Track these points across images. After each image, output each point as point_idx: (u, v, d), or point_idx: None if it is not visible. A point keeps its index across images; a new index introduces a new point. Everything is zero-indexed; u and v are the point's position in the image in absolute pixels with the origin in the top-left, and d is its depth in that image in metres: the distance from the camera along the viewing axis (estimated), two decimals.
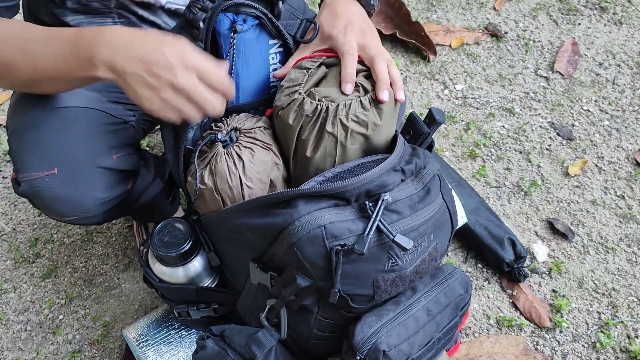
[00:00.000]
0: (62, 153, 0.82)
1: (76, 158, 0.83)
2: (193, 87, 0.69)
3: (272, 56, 0.86)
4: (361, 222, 0.71)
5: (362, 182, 0.71)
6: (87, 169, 0.84)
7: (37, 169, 0.82)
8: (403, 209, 0.74)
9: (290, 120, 0.77)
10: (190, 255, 0.88)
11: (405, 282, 0.77)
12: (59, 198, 0.83)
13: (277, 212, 0.72)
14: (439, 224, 0.79)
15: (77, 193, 0.84)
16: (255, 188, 0.78)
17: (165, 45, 0.68)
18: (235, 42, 0.81)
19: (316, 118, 0.76)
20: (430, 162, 0.80)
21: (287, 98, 0.78)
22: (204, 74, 0.69)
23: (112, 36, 0.69)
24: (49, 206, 0.85)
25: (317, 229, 0.69)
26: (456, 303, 0.84)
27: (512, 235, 1.28)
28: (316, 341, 0.83)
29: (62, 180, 0.82)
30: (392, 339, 0.76)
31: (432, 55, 1.75)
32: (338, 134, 0.76)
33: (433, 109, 0.86)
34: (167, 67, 0.67)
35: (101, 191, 0.86)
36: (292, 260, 0.72)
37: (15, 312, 1.24)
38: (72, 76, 0.73)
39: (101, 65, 0.69)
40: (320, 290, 0.75)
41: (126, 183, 0.93)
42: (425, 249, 0.78)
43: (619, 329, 1.20)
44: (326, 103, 0.75)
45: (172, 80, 0.67)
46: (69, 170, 0.82)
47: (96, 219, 0.92)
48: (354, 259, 0.71)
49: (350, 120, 0.75)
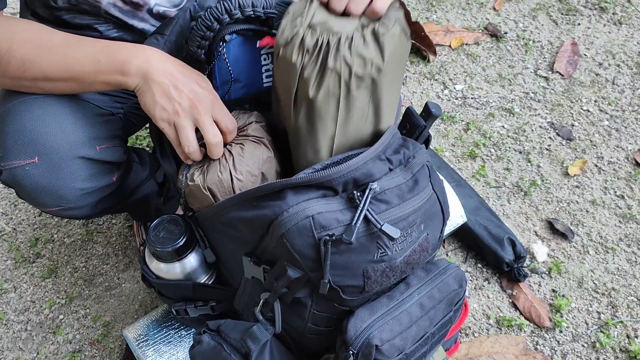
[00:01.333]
0: (44, 142, 0.81)
1: (57, 147, 0.82)
2: (205, 114, 0.76)
3: (264, 57, 0.86)
4: (349, 212, 0.71)
5: (347, 169, 0.71)
6: (68, 158, 0.83)
7: (18, 157, 0.81)
8: (392, 198, 0.74)
9: (293, 58, 0.73)
10: (185, 251, 0.88)
11: (395, 272, 0.77)
12: (40, 187, 0.83)
13: (266, 204, 0.72)
14: (429, 214, 0.79)
15: (58, 183, 0.83)
16: (245, 181, 0.78)
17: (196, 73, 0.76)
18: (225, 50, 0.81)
19: (317, 52, 0.72)
20: (420, 152, 0.80)
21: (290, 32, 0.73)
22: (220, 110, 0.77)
23: (150, 52, 0.76)
24: (31, 195, 0.85)
25: (306, 219, 0.69)
26: (450, 298, 0.84)
27: (512, 235, 1.28)
28: (311, 335, 0.84)
29: (42, 170, 0.82)
30: (385, 334, 0.76)
31: (432, 56, 1.75)
32: (341, 71, 0.72)
33: (429, 102, 0.86)
34: (193, 83, 0.75)
35: (82, 181, 0.86)
36: (283, 252, 0.72)
37: (15, 312, 1.24)
38: (95, 79, 0.78)
39: (134, 70, 0.75)
40: (312, 282, 0.75)
41: (110, 175, 0.92)
42: (415, 239, 0.78)
43: (619, 328, 1.20)
44: (327, 35, 0.71)
45: (192, 98, 0.74)
46: (50, 159, 0.82)
47: (83, 212, 0.91)
48: (343, 250, 0.71)
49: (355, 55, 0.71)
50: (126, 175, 0.97)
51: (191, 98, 0.74)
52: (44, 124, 0.81)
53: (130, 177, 0.98)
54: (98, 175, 0.89)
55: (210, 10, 0.76)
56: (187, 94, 0.74)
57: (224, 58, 0.81)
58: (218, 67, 0.82)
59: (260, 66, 0.86)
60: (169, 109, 0.75)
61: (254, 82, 0.87)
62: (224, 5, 0.76)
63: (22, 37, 0.77)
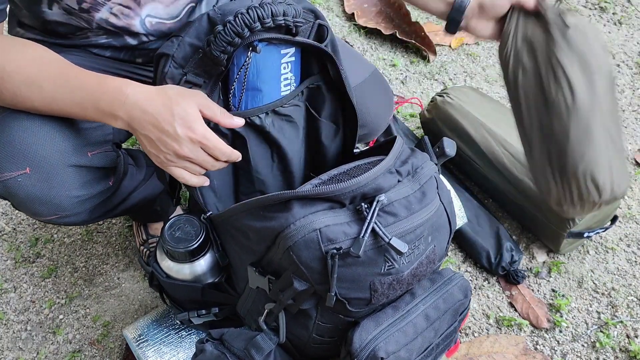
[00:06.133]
0: (34, 152, 0.81)
1: (48, 156, 0.82)
2: (195, 156, 0.77)
3: (284, 65, 0.85)
4: (356, 224, 0.71)
5: (357, 185, 0.71)
6: (59, 167, 0.83)
7: (9, 169, 0.81)
8: (399, 210, 0.73)
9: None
10: (199, 253, 0.88)
11: (402, 285, 0.77)
12: (34, 197, 0.83)
13: (273, 215, 0.72)
14: (436, 227, 0.79)
15: (52, 193, 0.83)
16: None
17: (177, 112, 0.75)
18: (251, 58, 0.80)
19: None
20: (427, 163, 0.80)
21: None
22: (208, 147, 0.77)
23: (132, 100, 0.76)
24: (26, 206, 0.84)
25: (313, 232, 0.69)
26: (455, 308, 0.84)
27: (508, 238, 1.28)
28: (315, 345, 0.83)
29: (35, 180, 0.82)
30: (390, 346, 0.76)
31: (432, 55, 1.75)
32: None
33: (445, 140, 0.85)
34: (175, 139, 0.75)
35: (77, 189, 0.86)
36: (289, 264, 0.72)
37: (15, 311, 1.24)
38: (84, 118, 0.81)
39: (119, 120, 0.77)
40: (318, 294, 0.75)
41: (106, 180, 0.92)
42: (422, 252, 0.77)
43: (619, 328, 1.20)
44: None
45: (178, 150, 0.76)
46: (42, 169, 0.82)
47: (80, 218, 0.90)
48: (350, 263, 0.71)
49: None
50: (122, 179, 0.97)
51: (176, 150, 0.76)
52: (33, 134, 0.81)
53: (125, 180, 0.98)
54: (92, 181, 0.88)
55: (241, 17, 0.74)
56: (171, 146, 0.76)
57: (247, 65, 0.80)
58: (239, 75, 0.81)
59: (280, 75, 0.85)
60: (159, 158, 0.78)
61: (272, 92, 0.86)
62: (257, 13, 0.74)
63: (12, 68, 0.77)
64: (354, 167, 0.76)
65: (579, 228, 1.21)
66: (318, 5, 1.93)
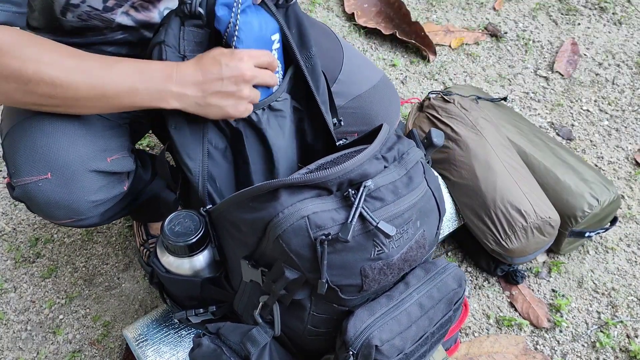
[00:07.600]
0: (56, 157, 0.81)
1: (70, 162, 0.82)
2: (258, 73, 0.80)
3: (273, 52, 0.85)
4: (344, 210, 0.71)
5: (343, 171, 0.71)
6: (80, 172, 0.83)
7: (30, 173, 0.81)
8: (386, 195, 0.74)
9: None
10: (198, 247, 0.88)
11: (393, 270, 0.77)
12: (53, 202, 0.83)
13: (262, 205, 0.73)
14: (424, 211, 0.79)
15: (72, 197, 0.84)
16: None
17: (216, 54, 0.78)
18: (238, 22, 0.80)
19: None
20: (413, 149, 0.80)
21: None
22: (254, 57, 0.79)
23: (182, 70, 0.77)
24: (44, 210, 0.85)
25: (301, 219, 0.70)
26: (449, 298, 0.84)
27: None
28: (311, 337, 0.83)
29: (55, 185, 0.82)
30: (384, 334, 0.76)
31: (432, 55, 1.76)
32: None
33: (433, 130, 0.85)
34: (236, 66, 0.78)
35: (94, 194, 0.86)
36: (280, 253, 0.72)
37: (15, 311, 1.24)
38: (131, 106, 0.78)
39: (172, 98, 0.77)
40: (311, 283, 0.75)
41: (122, 185, 0.92)
42: (411, 236, 0.77)
43: (619, 328, 1.20)
44: None
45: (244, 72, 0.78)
46: (63, 174, 0.82)
47: (93, 221, 0.91)
48: (339, 249, 0.71)
49: None
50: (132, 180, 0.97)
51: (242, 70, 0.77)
52: (55, 139, 0.81)
53: (134, 181, 0.98)
54: (109, 186, 0.89)
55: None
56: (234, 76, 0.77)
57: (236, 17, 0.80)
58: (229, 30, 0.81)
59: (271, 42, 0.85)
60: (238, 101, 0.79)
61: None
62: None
63: (49, 58, 0.74)
64: (341, 155, 0.76)
65: (581, 227, 1.21)
66: (318, 5, 1.93)
